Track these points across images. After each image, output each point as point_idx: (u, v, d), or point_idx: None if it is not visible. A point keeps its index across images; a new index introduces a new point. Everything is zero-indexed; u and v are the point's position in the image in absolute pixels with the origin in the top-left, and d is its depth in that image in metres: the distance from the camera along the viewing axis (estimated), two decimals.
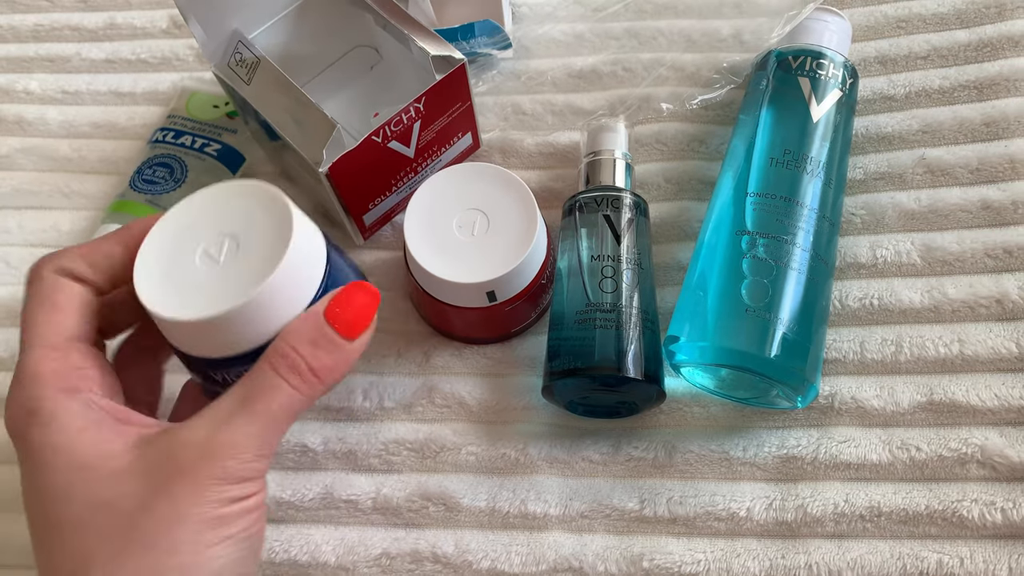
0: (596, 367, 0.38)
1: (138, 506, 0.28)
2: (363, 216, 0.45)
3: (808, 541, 0.38)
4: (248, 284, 0.30)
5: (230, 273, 0.31)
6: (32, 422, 0.29)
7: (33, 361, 0.30)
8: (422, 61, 0.42)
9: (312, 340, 0.30)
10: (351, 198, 0.43)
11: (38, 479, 0.29)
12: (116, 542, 0.28)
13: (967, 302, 0.41)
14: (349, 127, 0.47)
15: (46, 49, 0.56)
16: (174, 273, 0.31)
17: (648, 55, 0.51)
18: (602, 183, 0.43)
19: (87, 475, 0.29)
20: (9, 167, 0.52)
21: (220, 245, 0.31)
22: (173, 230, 0.33)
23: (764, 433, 0.40)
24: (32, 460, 0.29)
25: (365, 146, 0.40)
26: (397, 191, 0.45)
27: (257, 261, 0.30)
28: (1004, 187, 0.44)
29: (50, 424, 0.29)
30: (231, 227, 0.32)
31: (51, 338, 0.31)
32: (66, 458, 0.29)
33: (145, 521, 0.28)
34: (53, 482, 0.29)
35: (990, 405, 0.39)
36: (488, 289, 0.39)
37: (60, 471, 0.29)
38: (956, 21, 0.49)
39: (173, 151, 0.48)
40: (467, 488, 0.40)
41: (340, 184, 0.41)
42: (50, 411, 0.29)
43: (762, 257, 0.38)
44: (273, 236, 0.31)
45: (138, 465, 0.29)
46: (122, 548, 0.28)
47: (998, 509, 0.37)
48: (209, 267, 0.31)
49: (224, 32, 0.43)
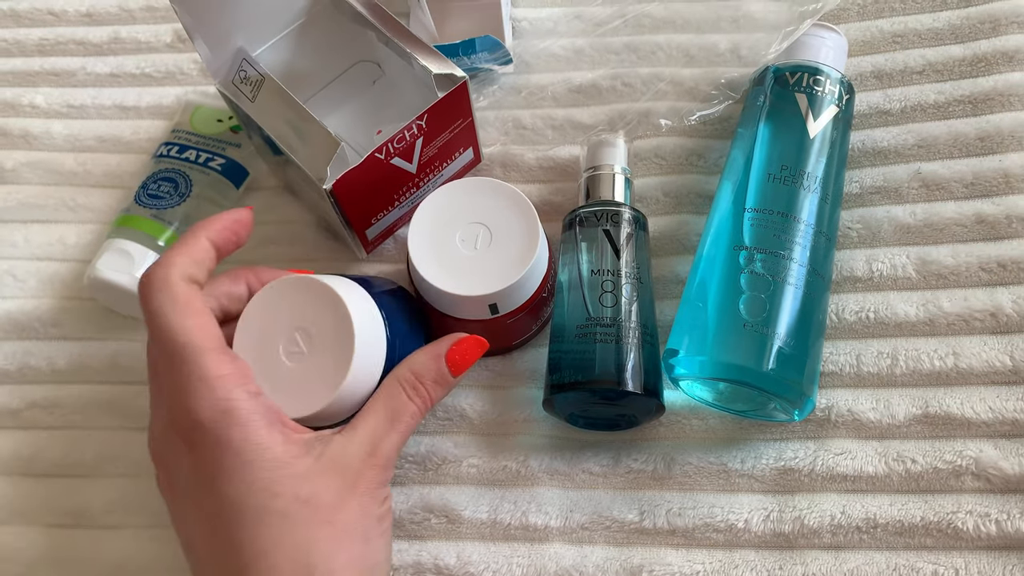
0: (596, 381, 0.38)
1: (334, 503, 0.33)
2: (366, 231, 0.45)
3: (805, 552, 0.38)
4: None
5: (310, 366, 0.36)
6: (231, 422, 0.32)
7: (214, 364, 0.33)
8: (424, 78, 0.42)
9: (435, 379, 0.37)
10: (354, 214, 0.43)
11: (245, 474, 0.32)
12: (324, 532, 0.32)
13: (962, 315, 0.42)
14: (352, 142, 0.48)
15: (51, 63, 0.56)
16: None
17: (647, 70, 0.51)
18: (602, 197, 0.43)
19: (287, 472, 0.32)
20: (15, 181, 0.52)
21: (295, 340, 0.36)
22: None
23: (762, 445, 0.41)
24: (233, 457, 0.32)
25: (368, 163, 0.41)
26: (399, 206, 0.46)
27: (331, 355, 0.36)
28: (998, 201, 0.44)
29: (248, 424, 0.32)
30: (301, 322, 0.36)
31: (213, 342, 0.34)
32: (269, 455, 0.32)
33: (343, 517, 0.33)
34: (260, 477, 0.32)
35: (985, 418, 0.40)
36: (490, 302, 0.40)
37: (264, 468, 0.32)
38: (951, 36, 0.50)
39: (177, 165, 0.49)
40: (469, 500, 0.41)
41: (343, 200, 0.41)
42: (246, 411, 0.32)
43: (760, 272, 0.39)
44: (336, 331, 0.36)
45: (320, 466, 0.33)
46: (332, 538, 0.32)
47: (992, 521, 0.38)
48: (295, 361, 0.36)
49: (229, 50, 0.44)
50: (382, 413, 0.36)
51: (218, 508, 0.32)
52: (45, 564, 0.41)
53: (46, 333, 0.47)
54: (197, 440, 0.32)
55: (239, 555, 0.32)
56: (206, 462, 0.32)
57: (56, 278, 0.49)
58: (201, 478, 0.33)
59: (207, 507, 0.33)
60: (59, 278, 0.49)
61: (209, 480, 0.32)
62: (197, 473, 0.33)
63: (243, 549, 0.32)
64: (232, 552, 0.32)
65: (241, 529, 0.32)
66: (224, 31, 0.43)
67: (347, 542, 0.33)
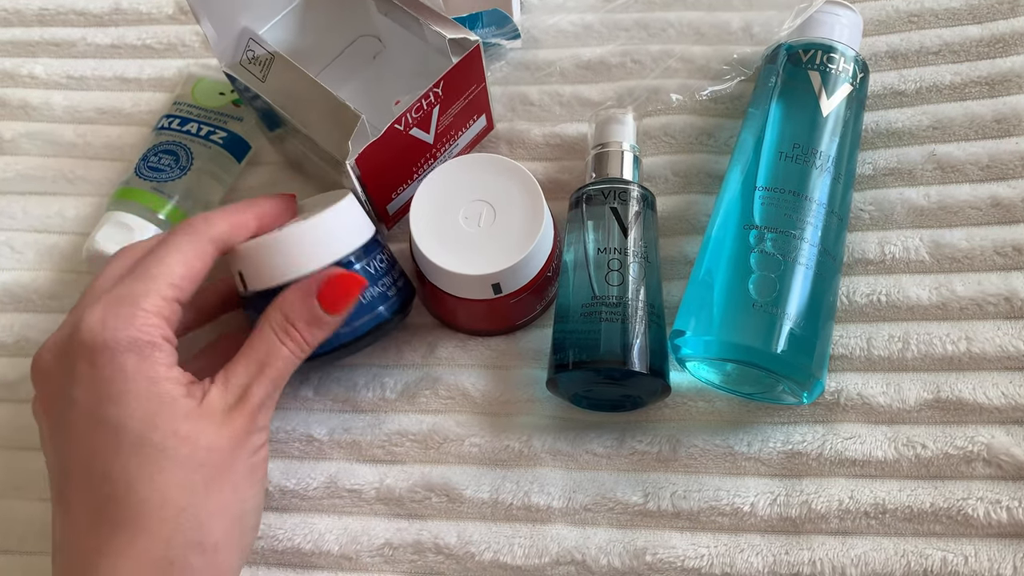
0: (601, 360, 0.38)
1: (208, 447, 0.33)
2: (387, 206, 0.44)
3: (812, 537, 0.38)
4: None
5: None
6: (134, 351, 0.33)
7: (150, 301, 0.34)
8: (436, 44, 0.41)
9: (308, 320, 0.36)
10: (376, 188, 0.42)
11: (130, 400, 0.32)
12: (198, 475, 0.33)
13: (975, 299, 0.41)
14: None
15: (51, 33, 0.56)
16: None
17: (657, 47, 0.50)
18: (609, 175, 0.43)
19: (171, 409, 0.33)
20: (14, 152, 0.51)
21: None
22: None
23: (769, 428, 0.40)
24: (123, 383, 0.32)
25: (388, 135, 0.40)
26: (417, 179, 0.45)
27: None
28: (1014, 184, 0.44)
29: (148, 358, 0.33)
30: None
31: (170, 292, 0.35)
32: (156, 389, 0.33)
33: (216, 461, 0.33)
34: (143, 407, 0.32)
35: (997, 403, 0.39)
36: (494, 281, 0.39)
37: (151, 400, 0.33)
38: (968, 16, 0.49)
39: (178, 138, 0.48)
40: (470, 479, 0.40)
41: (366, 175, 0.41)
42: (151, 347, 0.33)
43: (770, 252, 0.38)
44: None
45: (199, 411, 0.33)
46: (204, 481, 0.33)
47: (1003, 508, 0.37)
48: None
49: (234, 30, 0.43)
50: (252, 358, 0.35)
51: (98, 429, 0.32)
52: (37, 537, 0.41)
53: (44, 305, 0.47)
54: (96, 360, 0.33)
55: (111, 484, 0.32)
56: (97, 384, 0.32)
57: (55, 250, 0.48)
58: (88, 400, 0.33)
59: (85, 426, 0.33)
60: (58, 250, 0.48)
61: (95, 403, 0.32)
62: (86, 394, 0.33)
63: (115, 478, 0.32)
64: (104, 480, 0.32)
65: (116, 456, 0.32)
66: (229, 11, 0.42)
67: (218, 487, 0.33)
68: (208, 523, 0.33)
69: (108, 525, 0.32)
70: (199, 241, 0.36)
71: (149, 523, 0.31)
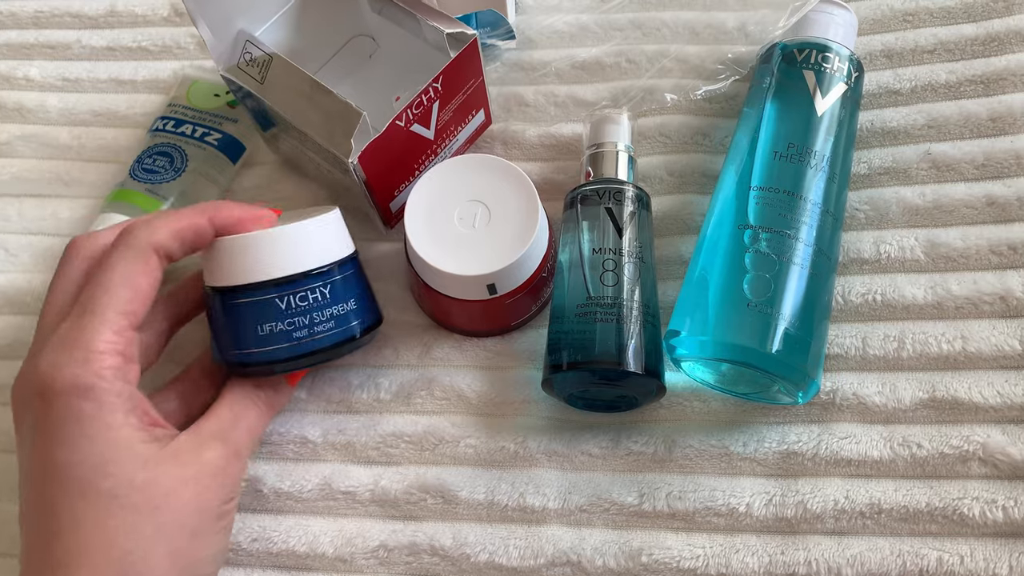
0: (596, 361, 0.37)
1: (168, 491, 0.33)
2: (389, 204, 0.44)
3: (808, 537, 0.38)
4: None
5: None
6: (89, 396, 0.32)
7: (102, 339, 0.33)
8: (433, 40, 0.41)
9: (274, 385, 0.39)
10: (379, 186, 0.42)
11: (82, 446, 0.32)
12: (151, 520, 0.32)
13: (971, 299, 0.41)
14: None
15: (46, 36, 0.55)
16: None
17: (652, 47, 0.50)
18: (604, 175, 0.43)
19: (128, 455, 0.32)
20: (9, 154, 0.51)
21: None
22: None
23: (764, 428, 0.40)
24: (75, 426, 0.32)
25: (389, 132, 0.40)
26: (418, 176, 0.45)
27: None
28: (1010, 183, 0.44)
29: (104, 404, 0.32)
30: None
31: (121, 321, 0.34)
32: (114, 436, 0.32)
33: (175, 505, 0.33)
34: (95, 453, 0.32)
35: (992, 402, 0.39)
36: (489, 282, 0.39)
37: (106, 446, 0.32)
38: (963, 15, 0.49)
39: (173, 140, 0.48)
40: (465, 481, 0.40)
41: (369, 173, 0.41)
42: (108, 392, 0.32)
43: (764, 251, 0.38)
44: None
45: (163, 455, 0.33)
46: (157, 527, 0.32)
47: (999, 507, 0.37)
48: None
49: (230, 33, 0.43)
50: (226, 411, 0.37)
51: (48, 471, 0.32)
52: None
53: (38, 308, 0.46)
54: (53, 403, 0.32)
55: (56, 520, 0.32)
56: (49, 424, 0.32)
57: (49, 253, 0.48)
58: (43, 441, 0.32)
59: (37, 466, 0.33)
60: (52, 253, 0.48)
61: (46, 441, 0.32)
62: (40, 436, 0.32)
63: (60, 516, 0.32)
64: (50, 516, 0.32)
65: (62, 497, 0.32)
66: (225, 14, 0.42)
67: (172, 533, 0.33)
68: (157, 568, 0.32)
69: (52, 561, 0.31)
70: (140, 255, 0.34)
71: (94, 563, 0.31)
